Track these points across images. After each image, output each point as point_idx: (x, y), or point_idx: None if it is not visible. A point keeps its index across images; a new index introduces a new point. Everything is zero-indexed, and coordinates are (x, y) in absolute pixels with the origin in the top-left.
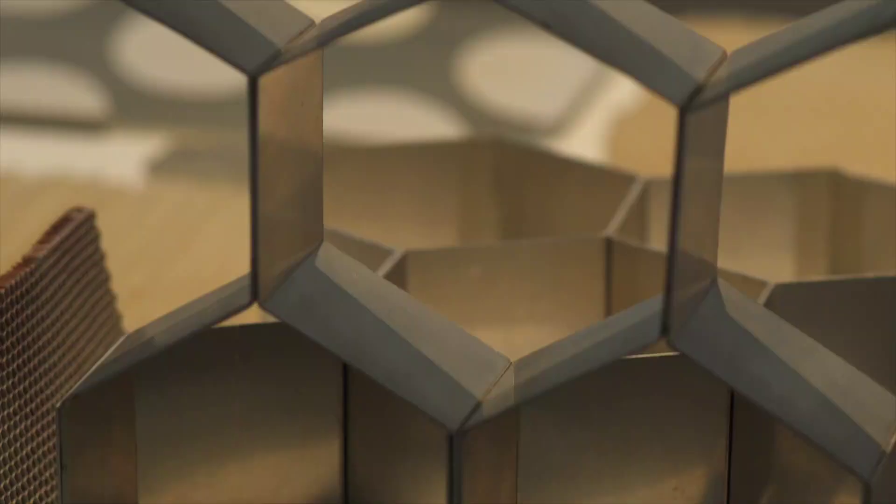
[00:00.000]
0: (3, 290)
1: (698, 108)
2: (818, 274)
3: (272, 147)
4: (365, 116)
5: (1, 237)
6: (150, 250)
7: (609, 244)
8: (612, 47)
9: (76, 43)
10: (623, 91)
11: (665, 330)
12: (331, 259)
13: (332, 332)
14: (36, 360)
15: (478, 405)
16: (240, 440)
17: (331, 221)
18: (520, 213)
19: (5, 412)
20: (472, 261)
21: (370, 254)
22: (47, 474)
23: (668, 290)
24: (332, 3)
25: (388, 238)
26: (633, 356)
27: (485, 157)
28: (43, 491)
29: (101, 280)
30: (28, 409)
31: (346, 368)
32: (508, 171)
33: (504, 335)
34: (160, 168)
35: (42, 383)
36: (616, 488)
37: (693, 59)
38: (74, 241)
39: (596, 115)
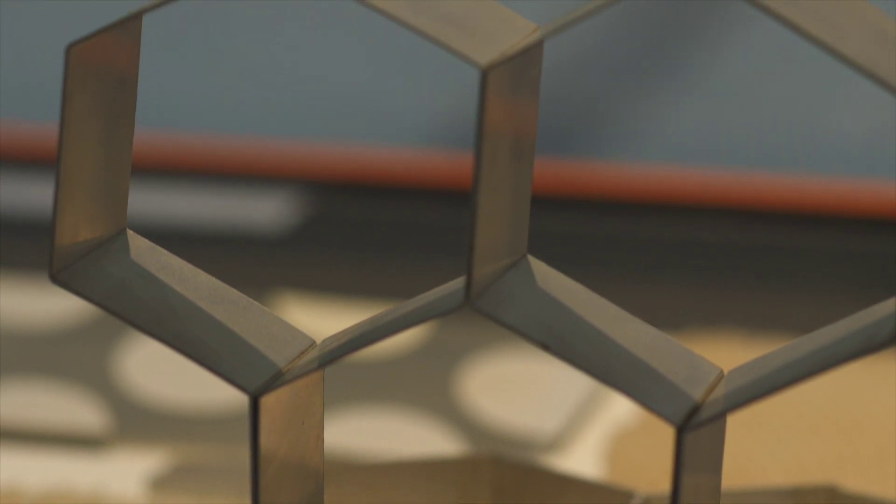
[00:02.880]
0: None
1: (695, 428)
2: None
3: (273, 465)
4: (365, 433)
5: None
6: None
7: None
8: (610, 367)
9: (77, 359)
10: (621, 407)
11: None
12: None
13: None
14: None
15: None
16: None
17: None
18: None
19: None
20: None
21: None
22: None
23: None
24: (335, 320)
25: None
26: None
27: (484, 474)
28: None
29: None
30: None
31: None
32: (508, 487)
33: None
34: (162, 484)
35: None
36: None
37: (690, 378)
38: None
39: (594, 431)
